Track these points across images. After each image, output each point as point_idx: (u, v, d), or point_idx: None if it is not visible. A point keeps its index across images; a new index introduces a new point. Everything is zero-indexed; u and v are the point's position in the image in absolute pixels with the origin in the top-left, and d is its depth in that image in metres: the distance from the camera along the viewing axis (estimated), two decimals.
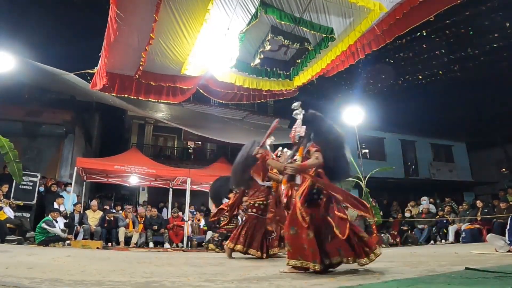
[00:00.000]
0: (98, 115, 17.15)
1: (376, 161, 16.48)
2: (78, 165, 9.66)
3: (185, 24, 6.27)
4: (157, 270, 3.21)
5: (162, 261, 4.51)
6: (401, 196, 14.41)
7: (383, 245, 9.26)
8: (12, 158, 6.94)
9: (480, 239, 8.43)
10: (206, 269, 3.37)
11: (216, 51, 7.10)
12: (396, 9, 6.66)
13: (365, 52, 7.67)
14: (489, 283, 2.05)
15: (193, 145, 18.95)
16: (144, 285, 2.25)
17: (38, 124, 12.71)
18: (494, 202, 9.63)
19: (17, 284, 2.06)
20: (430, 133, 20.17)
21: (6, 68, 6.89)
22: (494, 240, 4.73)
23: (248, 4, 6.23)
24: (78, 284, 2.20)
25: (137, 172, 10.32)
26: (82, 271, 2.97)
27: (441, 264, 3.24)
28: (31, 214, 8.32)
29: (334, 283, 2.28)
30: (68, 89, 9.99)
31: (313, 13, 6.81)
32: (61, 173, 12.69)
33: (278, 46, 7.80)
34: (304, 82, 8.93)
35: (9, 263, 3.29)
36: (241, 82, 8.30)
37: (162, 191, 12.74)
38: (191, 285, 2.25)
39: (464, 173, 20.02)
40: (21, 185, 8.15)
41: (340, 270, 2.94)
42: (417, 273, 2.61)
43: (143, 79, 7.39)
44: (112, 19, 5.39)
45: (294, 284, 2.30)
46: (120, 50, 6.31)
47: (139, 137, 17.07)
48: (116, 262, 4.05)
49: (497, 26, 9.07)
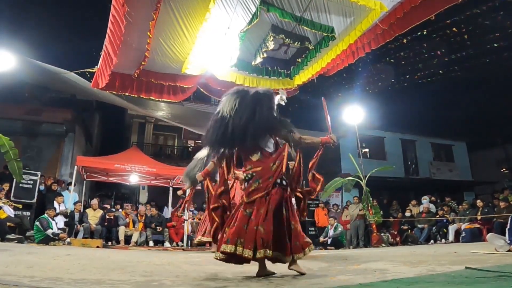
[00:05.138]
0: (99, 114, 17.18)
1: (376, 161, 16.48)
2: (78, 163, 9.66)
3: (185, 23, 6.27)
4: (157, 269, 3.21)
5: (162, 260, 4.51)
6: (401, 196, 14.41)
7: (383, 244, 9.26)
8: (12, 156, 6.94)
9: (480, 238, 8.43)
10: (206, 268, 3.37)
11: (216, 50, 7.11)
12: (397, 8, 6.66)
13: (365, 51, 7.66)
14: (489, 282, 2.05)
15: (193, 144, 18.96)
16: (144, 284, 2.25)
17: (39, 123, 12.73)
18: (494, 202, 9.63)
19: (17, 283, 2.06)
20: (430, 133, 20.16)
21: (6, 66, 6.88)
22: (494, 240, 4.73)
23: (249, 3, 6.23)
24: (78, 282, 2.20)
25: (137, 171, 10.33)
26: (82, 269, 2.97)
27: (441, 264, 3.24)
28: (31, 213, 8.33)
29: (334, 283, 2.28)
30: (68, 88, 9.98)
31: (313, 12, 6.82)
32: (61, 171, 12.70)
33: (279, 45, 7.81)
34: (305, 81, 8.93)
35: (9, 262, 3.29)
36: (241, 81, 8.30)
37: (162, 190, 12.75)
38: (191, 284, 2.25)
39: (464, 172, 20.02)
40: (21, 183, 8.16)
41: (340, 270, 2.94)
42: (417, 273, 2.61)
43: (144, 78, 7.40)
44: (117, 18, 5.37)
45: (294, 283, 2.30)
46: (124, 50, 6.31)
47: (139, 136, 17.09)
48: (116, 261, 4.05)
49: (497, 26, 9.06)
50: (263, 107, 2.79)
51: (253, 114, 2.73)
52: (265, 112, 2.78)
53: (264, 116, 2.76)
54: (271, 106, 2.89)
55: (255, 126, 2.70)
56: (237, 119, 2.73)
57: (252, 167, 2.79)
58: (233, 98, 2.84)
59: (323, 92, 13.03)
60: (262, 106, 2.79)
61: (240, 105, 2.79)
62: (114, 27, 5.57)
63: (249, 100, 2.83)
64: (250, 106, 2.78)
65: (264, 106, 2.81)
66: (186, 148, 18.55)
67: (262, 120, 2.74)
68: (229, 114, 2.78)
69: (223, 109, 2.82)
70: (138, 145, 15.02)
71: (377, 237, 9.22)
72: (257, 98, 2.85)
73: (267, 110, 2.81)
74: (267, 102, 2.86)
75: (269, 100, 2.89)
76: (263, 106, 2.80)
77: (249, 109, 2.77)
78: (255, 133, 2.72)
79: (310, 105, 14.29)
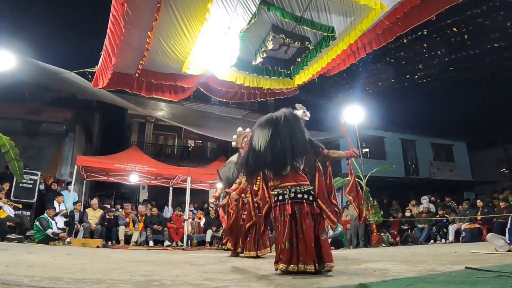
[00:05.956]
0: (99, 113, 17.17)
1: (376, 160, 16.45)
2: (79, 163, 9.66)
3: (185, 23, 6.27)
4: (157, 269, 3.21)
5: (162, 259, 4.51)
6: (401, 196, 14.40)
7: (383, 244, 9.26)
8: (13, 156, 6.93)
9: (480, 238, 8.42)
10: (206, 268, 3.37)
11: (217, 50, 7.10)
12: (397, 8, 6.66)
13: (365, 51, 7.66)
14: (489, 282, 2.05)
15: (193, 143, 18.97)
16: (144, 283, 2.25)
17: (39, 123, 12.72)
18: (494, 202, 9.62)
19: (17, 282, 2.06)
20: (430, 133, 20.16)
21: (6, 66, 6.87)
22: (494, 240, 4.73)
23: (249, 3, 6.23)
24: (78, 282, 2.20)
25: (138, 170, 10.32)
26: (82, 269, 2.97)
27: (441, 264, 3.24)
28: (31, 213, 8.33)
29: (334, 282, 2.28)
30: (68, 88, 9.99)
31: (314, 11, 6.82)
32: (61, 171, 12.69)
33: (279, 45, 7.80)
34: (305, 81, 8.93)
35: (9, 262, 3.29)
36: (241, 80, 8.30)
37: (162, 190, 12.75)
38: (191, 284, 2.25)
39: (464, 172, 20.00)
40: (21, 183, 8.15)
41: (340, 270, 2.94)
42: (417, 273, 2.61)
43: (144, 78, 7.41)
44: (117, 18, 5.38)
45: (294, 283, 2.30)
46: (124, 50, 6.31)
47: (139, 136, 17.10)
48: (116, 261, 4.05)
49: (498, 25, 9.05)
50: (296, 134, 3.02)
51: (289, 143, 2.96)
52: (299, 138, 3.02)
53: (299, 143, 3.00)
54: (302, 129, 3.11)
55: (294, 153, 2.96)
56: (275, 149, 2.96)
57: (281, 182, 3.02)
58: (265, 130, 3.05)
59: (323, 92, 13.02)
60: (295, 133, 3.03)
61: (272, 137, 3.00)
62: (114, 26, 5.57)
63: (281, 129, 3.02)
64: (284, 135, 2.99)
65: (296, 131, 3.05)
66: (186, 148, 18.55)
67: (297, 148, 2.98)
68: (264, 146, 3.00)
69: (257, 142, 3.05)
70: (138, 145, 15.02)
71: (377, 237, 9.21)
72: (288, 125, 3.04)
73: (300, 135, 3.04)
74: (298, 126, 3.09)
75: (298, 124, 3.12)
76: (296, 132, 3.04)
77: (284, 138, 2.99)
78: (294, 158, 2.98)
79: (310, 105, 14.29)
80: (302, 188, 2.94)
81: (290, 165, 2.96)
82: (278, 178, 3.03)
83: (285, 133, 2.99)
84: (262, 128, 3.08)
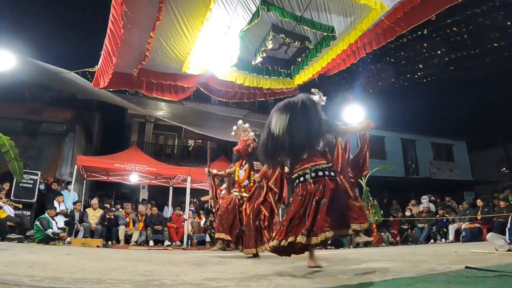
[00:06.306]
0: (99, 113, 17.18)
1: (376, 160, 16.45)
2: (79, 163, 9.67)
3: (186, 23, 6.27)
4: (157, 269, 3.21)
5: (162, 259, 4.51)
6: (401, 195, 14.42)
7: (383, 244, 9.27)
8: (13, 156, 6.93)
9: (480, 238, 8.43)
10: (206, 268, 3.37)
11: (217, 49, 7.10)
12: (397, 8, 6.65)
13: (366, 50, 7.65)
14: (489, 282, 2.05)
15: (193, 143, 18.97)
16: (144, 283, 2.25)
17: (39, 123, 12.74)
18: (494, 201, 9.62)
19: (17, 282, 2.06)
20: (430, 132, 20.17)
21: (6, 66, 6.88)
22: (494, 239, 4.72)
23: (249, 3, 6.23)
24: (78, 282, 2.20)
25: (138, 170, 10.34)
26: (82, 269, 2.97)
27: (441, 263, 3.24)
28: (31, 212, 8.34)
29: (334, 282, 2.28)
30: (68, 88, 9.99)
31: (314, 11, 6.81)
32: (61, 171, 12.71)
33: (279, 44, 7.80)
34: (305, 80, 8.92)
35: (9, 261, 3.29)
36: (241, 80, 8.29)
37: (162, 190, 12.75)
38: (191, 284, 2.25)
39: (464, 172, 20.02)
40: (21, 183, 8.16)
41: (340, 269, 2.94)
42: (417, 272, 2.61)
43: (144, 77, 7.41)
44: (117, 18, 5.38)
45: (294, 283, 2.30)
46: (125, 50, 6.31)
47: (139, 136, 17.10)
48: (116, 261, 4.05)
49: (498, 25, 9.04)
50: (314, 118, 3.06)
51: (306, 128, 3.00)
52: (316, 121, 3.06)
53: (317, 125, 3.06)
54: (319, 114, 3.15)
55: (311, 137, 3.03)
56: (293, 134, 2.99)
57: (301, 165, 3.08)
58: (283, 115, 3.07)
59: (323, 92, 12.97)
60: (312, 117, 3.07)
61: (290, 122, 3.02)
62: (114, 26, 5.57)
63: (299, 114, 3.05)
64: (302, 120, 3.02)
65: (314, 115, 3.09)
66: (186, 147, 18.56)
67: (316, 130, 3.05)
68: (282, 131, 3.02)
69: (276, 127, 3.06)
70: (138, 145, 15.03)
71: (377, 237, 9.22)
72: (306, 110, 3.07)
73: (317, 120, 3.08)
74: (315, 110, 3.13)
75: (316, 108, 3.17)
76: (313, 116, 3.08)
77: (302, 123, 3.01)
78: (312, 143, 3.07)
79: None
80: (321, 166, 3.02)
81: (307, 149, 3.04)
82: (297, 163, 3.12)
83: (303, 118, 3.03)
84: (280, 113, 3.11)
